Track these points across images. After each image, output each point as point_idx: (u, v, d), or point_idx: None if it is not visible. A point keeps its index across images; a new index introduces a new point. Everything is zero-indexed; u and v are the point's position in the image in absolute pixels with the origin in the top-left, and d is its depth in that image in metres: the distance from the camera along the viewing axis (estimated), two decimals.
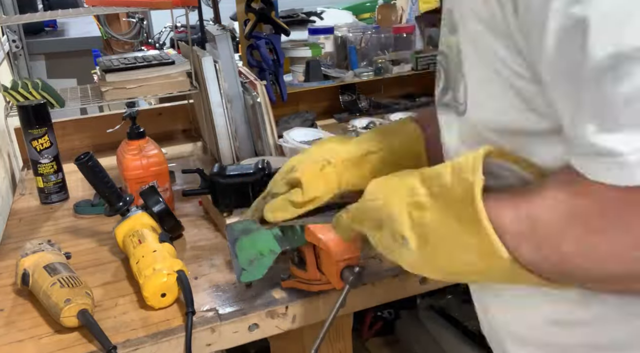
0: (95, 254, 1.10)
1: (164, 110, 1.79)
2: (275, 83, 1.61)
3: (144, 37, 3.31)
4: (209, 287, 0.95)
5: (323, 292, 0.90)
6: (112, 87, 1.45)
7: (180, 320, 0.87)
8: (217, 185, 1.09)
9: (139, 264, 0.93)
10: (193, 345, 0.83)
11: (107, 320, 0.88)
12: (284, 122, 1.63)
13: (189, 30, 1.55)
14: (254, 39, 1.59)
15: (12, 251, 1.12)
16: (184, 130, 1.81)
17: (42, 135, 1.31)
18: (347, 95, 1.86)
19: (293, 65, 1.85)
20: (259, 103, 1.41)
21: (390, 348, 1.67)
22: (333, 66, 1.88)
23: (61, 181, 1.36)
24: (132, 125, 1.23)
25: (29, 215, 1.31)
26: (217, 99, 1.43)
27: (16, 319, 0.91)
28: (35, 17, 1.89)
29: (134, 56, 1.55)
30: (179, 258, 0.95)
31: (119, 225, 1.04)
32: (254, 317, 0.88)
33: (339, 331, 1.01)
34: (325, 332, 0.78)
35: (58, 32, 3.27)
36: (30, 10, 2.77)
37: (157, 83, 1.48)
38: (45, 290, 0.87)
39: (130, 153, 1.22)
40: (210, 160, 1.56)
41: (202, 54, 1.46)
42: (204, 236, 1.14)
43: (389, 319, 1.71)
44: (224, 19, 2.02)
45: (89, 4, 1.82)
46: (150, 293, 0.88)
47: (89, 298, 0.86)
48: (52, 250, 0.98)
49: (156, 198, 1.10)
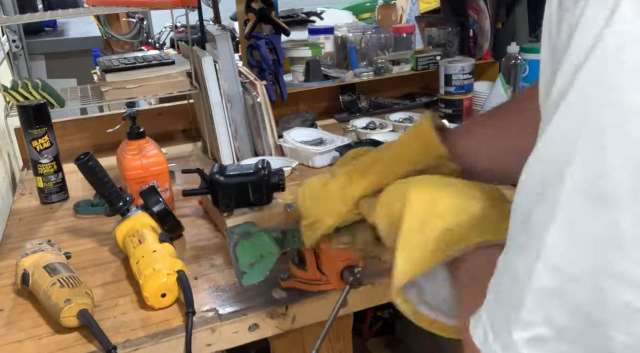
0: (95, 254, 1.10)
1: (164, 110, 1.79)
2: (275, 83, 1.61)
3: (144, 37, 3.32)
4: (209, 287, 0.95)
5: (323, 292, 0.90)
6: (112, 87, 1.45)
7: (180, 320, 0.87)
8: (217, 185, 1.09)
9: (139, 264, 0.93)
10: (193, 345, 0.83)
11: (107, 320, 0.88)
12: (284, 122, 1.63)
13: (189, 30, 1.56)
14: (254, 39, 1.59)
15: (12, 251, 1.12)
16: (184, 130, 1.81)
17: (42, 135, 1.31)
18: (347, 95, 1.86)
19: (293, 65, 1.85)
20: (259, 103, 1.41)
21: (390, 348, 1.68)
22: (333, 66, 1.88)
23: (61, 181, 1.36)
24: (132, 125, 1.23)
25: (29, 215, 1.31)
26: (217, 99, 1.43)
27: (16, 319, 0.90)
28: (35, 17, 1.89)
29: (134, 56, 1.55)
30: (179, 258, 0.95)
31: (119, 225, 1.04)
32: (254, 317, 0.88)
33: (339, 331, 1.01)
34: (326, 332, 0.78)
35: (58, 32, 3.27)
36: (30, 10, 2.77)
37: (157, 83, 1.48)
38: (45, 290, 0.87)
39: (130, 153, 1.22)
40: (210, 160, 1.56)
41: (202, 54, 1.46)
42: (204, 236, 1.14)
43: (389, 319, 1.71)
44: (224, 19, 2.02)
45: (89, 4, 1.82)
46: (150, 293, 0.88)
47: (88, 298, 0.86)
48: (52, 250, 0.98)
49: (156, 198, 1.10)
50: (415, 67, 1.84)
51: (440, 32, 1.91)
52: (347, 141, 1.47)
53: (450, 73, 1.65)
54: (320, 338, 0.78)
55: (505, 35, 1.78)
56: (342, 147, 1.41)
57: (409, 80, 1.92)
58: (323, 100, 1.87)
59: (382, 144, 1.14)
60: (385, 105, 1.88)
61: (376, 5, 2.38)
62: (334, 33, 1.93)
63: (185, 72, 1.51)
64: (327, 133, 1.56)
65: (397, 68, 1.84)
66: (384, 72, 1.81)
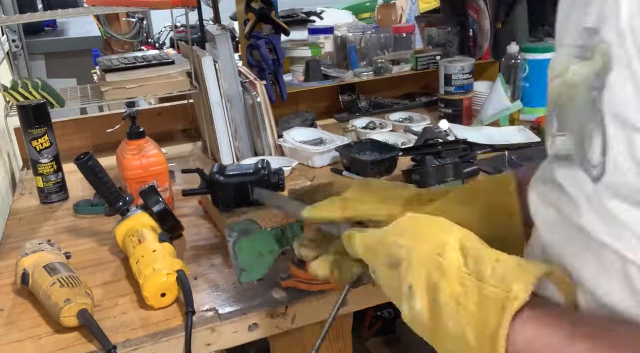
0: (95, 254, 1.10)
1: (164, 110, 1.79)
2: (275, 83, 1.61)
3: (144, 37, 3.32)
4: (209, 287, 0.95)
5: (323, 292, 0.90)
6: (112, 87, 1.45)
7: (180, 320, 0.87)
8: (217, 185, 1.09)
9: (139, 264, 0.93)
10: (193, 345, 0.83)
11: (107, 320, 0.88)
12: (284, 122, 1.63)
13: (189, 30, 1.56)
14: (254, 39, 1.59)
15: (12, 251, 1.12)
16: (184, 130, 1.81)
17: (42, 135, 1.31)
18: (347, 95, 1.86)
19: (293, 65, 1.85)
20: (259, 103, 1.41)
21: (390, 348, 1.68)
22: (333, 66, 1.88)
23: (61, 181, 1.36)
24: (132, 125, 1.23)
25: (29, 215, 1.31)
26: (217, 99, 1.43)
27: (16, 319, 0.90)
28: (35, 17, 1.89)
29: (134, 56, 1.55)
30: (179, 258, 0.95)
31: (119, 225, 1.04)
32: (254, 317, 0.88)
33: (339, 331, 1.01)
34: (326, 333, 0.78)
35: (58, 32, 3.28)
36: (30, 10, 2.77)
37: (157, 83, 1.48)
38: (45, 290, 0.87)
39: (130, 153, 1.22)
40: (210, 160, 1.56)
41: (202, 54, 1.46)
42: (204, 236, 1.14)
43: (389, 319, 1.71)
44: (224, 19, 2.02)
45: (89, 4, 1.82)
46: (150, 293, 0.88)
47: (88, 298, 0.86)
48: (52, 250, 0.98)
49: (156, 198, 1.10)
50: (415, 67, 1.84)
51: (440, 32, 1.91)
52: (347, 141, 1.47)
53: (450, 73, 1.65)
54: (321, 339, 0.78)
55: (505, 35, 1.78)
56: (342, 147, 1.41)
57: (409, 80, 1.92)
58: (323, 100, 1.87)
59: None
60: (385, 105, 1.88)
61: (376, 5, 2.38)
62: (334, 33, 1.93)
63: (185, 72, 1.51)
64: (327, 133, 1.56)
65: (397, 68, 1.84)
66: (384, 72, 1.81)
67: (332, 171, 1.41)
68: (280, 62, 1.60)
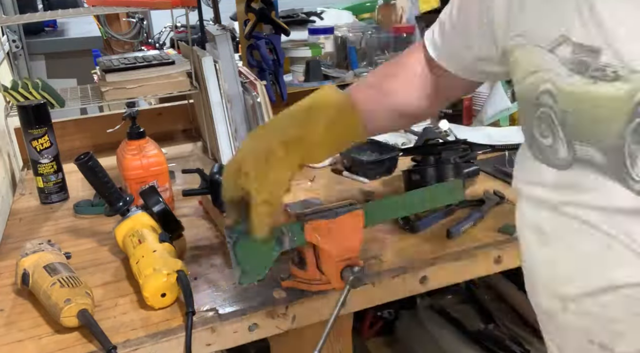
0: (95, 254, 1.10)
1: (164, 110, 1.79)
2: (275, 83, 1.61)
3: (144, 37, 3.31)
4: (209, 287, 0.95)
5: (323, 292, 0.90)
6: (112, 87, 1.45)
7: (180, 320, 0.87)
8: (217, 185, 1.09)
9: (139, 264, 0.93)
10: (193, 345, 0.83)
11: (107, 320, 0.88)
12: None
13: (189, 30, 1.56)
14: (254, 39, 1.59)
15: (12, 251, 1.12)
16: (184, 130, 1.81)
17: (42, 135, 1.31)
18: None
19: (293, 65, 1.85)
20: (259, 103, 1.41)
21: (390, 348, 1.68)
22: (333, 66, 1.88)
23: (61, 181, 1.36)
24: (132, 125, 1.23)
25: (29, 215, 1.31)
26: (217, 99, 1.43)
27: (16, 319, 0.90)
28: (35, 17, 1.89)
29: (134, 56, 1.55)
30: (179, 259, 0.95)
31: (119, 225, 1.04)
32: (254, 317, 0.88)
33: (339, 331, 1.01)
34: (328, 333, 0.78)
35: (58, 32, 3.27)
36: (30, 10, 2.77)
37: (157, 83, 1.48)
38: (45, 290, 0.87)
39: (130, 153, 1.22)
40: (210, 160, 1.56)
41: (202, 54, 1.46)
42: (204, 236, 1.14)
43: (389, 319, 1.71)
44: (224, 19, 2.02)
45: (89, 4, 1.82)
46: (150, 293, 0.88)
47: (88, 298, 0.86)
48: (52, 250, 0.98)
49: (156, 198, 1.09)
50: None
51: None
52: None
53: None
54: (322, 339, 0.78)
55: None
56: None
57: None
58: None
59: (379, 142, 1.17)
60: None
61: (376, 5, 2.37)
62: (334, 33, 1.93)
63: (185, 72, 1.51)
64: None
65: None
66: None
67: (332, 171, 1.41)
68: (280, 62, 1.60)
